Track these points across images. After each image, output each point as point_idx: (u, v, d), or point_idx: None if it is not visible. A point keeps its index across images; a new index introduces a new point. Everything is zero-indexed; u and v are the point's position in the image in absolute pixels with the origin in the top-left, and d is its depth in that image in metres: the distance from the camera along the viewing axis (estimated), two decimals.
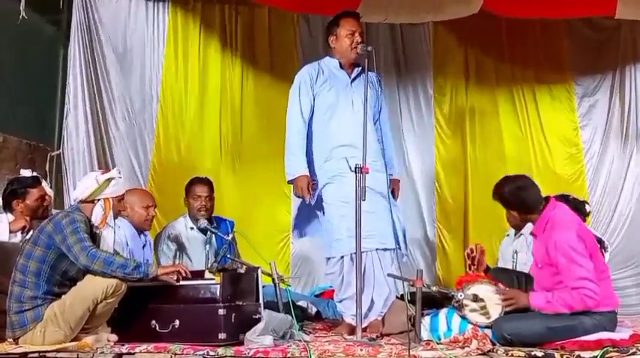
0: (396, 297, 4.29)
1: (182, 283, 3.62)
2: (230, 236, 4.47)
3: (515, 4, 5.66)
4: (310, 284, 6.01)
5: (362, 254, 3.86)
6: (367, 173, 3.80)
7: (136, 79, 6.05)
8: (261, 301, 3.85)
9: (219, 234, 4.64)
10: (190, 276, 3.66)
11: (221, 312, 3.47)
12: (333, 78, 4.39)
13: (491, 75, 6.50)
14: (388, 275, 4.10)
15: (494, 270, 4.23)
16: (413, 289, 3.68)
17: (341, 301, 4.26)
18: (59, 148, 5.72)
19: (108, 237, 3.64)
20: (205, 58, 6.24)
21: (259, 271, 3.98)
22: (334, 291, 4.48)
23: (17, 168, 5.01)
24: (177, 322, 3.53)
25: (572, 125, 6.42)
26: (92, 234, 3.57)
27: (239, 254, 4.91)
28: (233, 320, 3.52)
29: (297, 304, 4.61)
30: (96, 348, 3.36)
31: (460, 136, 6.43)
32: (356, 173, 3.78)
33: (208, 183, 5.03)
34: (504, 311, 3.61)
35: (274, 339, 3.54)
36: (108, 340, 3.49)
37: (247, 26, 6.35)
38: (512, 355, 3.31)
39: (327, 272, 4.37)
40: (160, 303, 3.61)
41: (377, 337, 3.89)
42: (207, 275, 3.75)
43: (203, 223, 4.70)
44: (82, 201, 3.63)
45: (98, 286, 3.40)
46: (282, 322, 3.76)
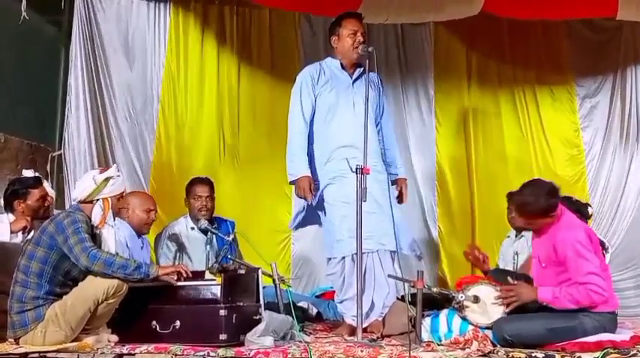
0: (397, 298, 4.29)
1: (183, 284, 3.62)
2: (231, 236, 4.47)
3: (515, 6, 5.65)
4: (311, 285, 6.00)
5: (362, 255, 3.86)
6: (368, 174, 3.80)
7: (137, 80, 6.04)
8: (261, 302, 3.85)
9: (219, 235, 4.65)
10: (191, 276, 3.66)
11: (222, 313, 3.47)
12: (335, 79, 4.38)
13: (492, 76, 6.49)
14: (389, 276, 4.10)
15: (494, 271, 4.24)
16: (414, 290, 3.68)
17: (342, 302, 4.25)
18: (60, 148, 5.72)
19: (109, 238, 3.63)
20: (206, 59, 6.23)
21: (260, 272, 3.98)
22: (335, 292, 4.49)
23: (18, 168, 5.01)
24: (177, 323, 3.52)
25: (573, 126, 6.40)
26: (93, 234, 3.56)
27: (241, 254, 4.91)
28: (234, 320, 3.52)
29: (297, 305, 4.61)
30: (96, 349, 3.37)
31: (461, 137, 6.42)
32: (357, 174, 3.77)
33: (209, 184, 5.03)
34: (508, 308, 3.60)
35: (275, 340, 3.53)
36: (108, 340, 3.49)
37: (248, 27, 6.34)
38: (512, 356, 3.31)
39: (328, 273, 4.36)
40: (161, 304, 3.61)
41: (377, 338, 3.89)
42: (207, 275, 3.75)
43: (204, 224, 4.71)
44: (81, 202, 3.63)
45: (99, 287, 3.40)
46: (282, 323, 3.76)
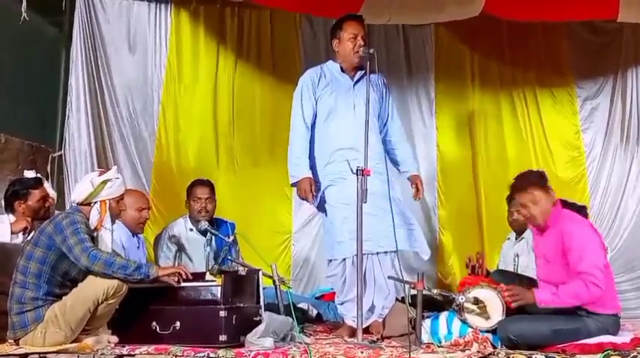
0: (397, 300, 4.28)
1: (183, 285, 3.61)
2: (231, 238, 4.46)
3: (516, 7, 5.65)
4: (311, 286, 5.99)
5: (363, 257, 3.86)
6: (369, 175, 3.80)
7: (138, 80, 6.04)
8: (261, 303, 3.85)
9: (219, 236, 4.64)
10: (191, 278, 3.65)
11: (222, 314, 3.47)
12: (335, 81, 4.38)
13: (492, 78, 6.49)
14: (389, 277, 4.10)
15: (495, 273, 4.24)
16: (414, 292, 3.68)
17: (342, 303, 4.25)
18: (61, 149, 5.71)
19: (105, 240, 3.62)
20: (207, 60, 6.23)
21: (260, 273, 3.98)
22: (335, 294, 4.49)
23: (19, 169, 5.02)
24: (177, 324, 3.52)
25: (573, 128, 6.39)
26: (91, 236, 3.55)
27: (241, 256, 4.91)
28: (234, 322, 3.51)
29: (297, 306, 4.62)
30: (96, 349, 3.36)
31: (462, 139, 6.42)
32: (357, 175, 3.78)
33: (209, 185, 5.02)
34: (509, 308, 3.59)
35: (275, 341, 3.53)
36: (108, 341, 3.49)
37: (249, 28, 6.34)
38: None
39: (329, 274, 4.37)
40: (161, 305, 3.61)
41: (378, 339, 3.89)
42: (207, 277, 3.76)
43: (204, 225, 4.70)
44: (80, 204, 3.63)
45: (99, 287, 3.40)
46: (282, 324, 3.76)
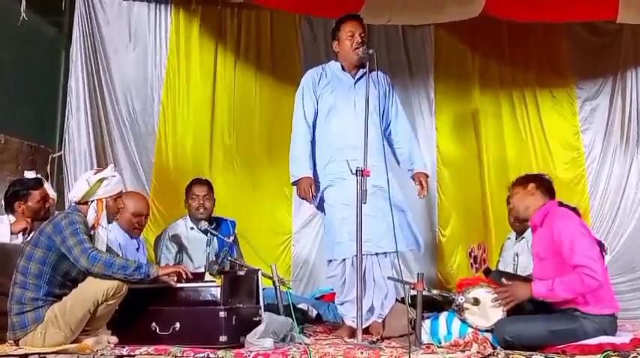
0: (397, 300, 4.28)
1: (183, 285, 3.61)
2: (231, 238, 4.46)
3: (516, 8, 5.65)
4: (311, 286, 5.99)
5: (362, 257, 3.86)
6: (368, 176, 3.79)
7: (138, 81, 6.04)
8: (261, 304, 3.85)
9: (219, 237, 4.64)
10: (191, 277, 3.65)
11: (222, 315, 3.47)
12: (336, 80, 4.39)
13: (492, 78, 6.49)
14: (388, 278, 4.11)
15: (495, 273, 4.24)
16: (414, 292, 3.68)
17: (342, 304, 4.25)
18: (60, 150, 5.72)
19: (103, 237, 3.60)
20: (207, 60, 6.23)
21: (260, 273, 3.98)
22: (335, 294, 4.49)
23: (18, 169, 5.02)
24: (177, 324, 3.52)
25: (573, 129, 6.39)
26: (90, 235, 3.54)
27: (242, 254, 4.91)
28: (234, 322, 3.51)
29: (297, 307, 4.61)
30: (96, 350, 3.36)
31: (462, 139, 6.42)
32: (357, 176, 3.77)
33: (207, 184, 5.02)
34: (506, 307, 3.60)
35: (275, 342, 3.52)
36: (108, 342, 3.48)
37: (249, 28, 6.34)
38: None
39: (329, 275, 4.37)
40: (161, 305, 3.60)
41: (377, 340, 3.89)
42: (207, 277, 3.76)
43: (203, 225, 4.70)
44: (77, 203, 3.62)
45: (99, 288, 3.40)
46: (282, 325, 3.76)
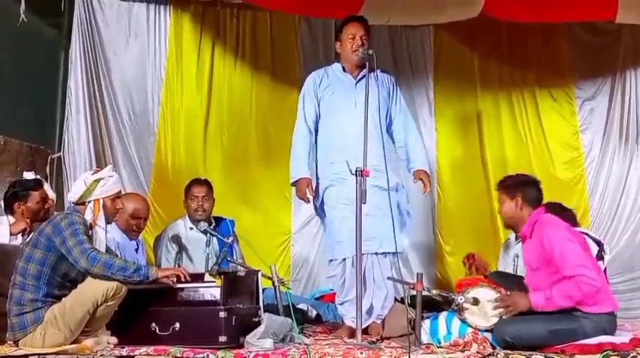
0: (397, 300, 4.28)
1: (182, 286, 3.61)
2: (230, 239, 4.46)
3: (515, 8, 5.65)
4: (310, 287, 5.98)
5: (362, 257, 3.86)
6: (367, 176, 3.80)
7: (137, 82, 6.04)
8: (261, 304, 3.85)
9: (219, 237, 4.64)
10: (190, 280, 3.64)
11: (222, 315, 3.47)
12: (338, 82, 4.41)
13: (491, 78, 6.48)
14: (388, 278, 4.11)
15: (494, 274, 4.24)
16: (413, 292, 3.68)
17: (342, 303, 4.26)
18: (60, 151, 5.72)
19: (101, 236, 3.60)
20: (206, 61, 6.22)
21: (259, 274, 3.98)
22: (334, 295, 4.49)
23: (18, 170, 5.01)
24: (177, 325, 3.52)
25: (572, 129, 6.38)
26: (90, 236, 3.54)
27: (242, 254, 4.91)
28: (233, 323, 3.51)
29: (297, 307, 4.61)
30: (96, 351, 3.36)
31: (461, 139, 6.41)
32: (356, 176, 3.78)
33: (206, 184, 5.02)
34: (505, 316, 3.61)
35: (274, 342, 3.53)
36: (108, 343, 3.48)
37: (248, 29, 6.34)
38: None
39: (330, 274, 4.38)
40: (161, 306, 3.60)
41: (377, 340, 3.89)
42: (207, 277, 3.75)
43: (203, 226, 4.70)
44: (76, 204, 3.62)
45: (98, 289, 3.40)
46: (282, 325, 3.76)
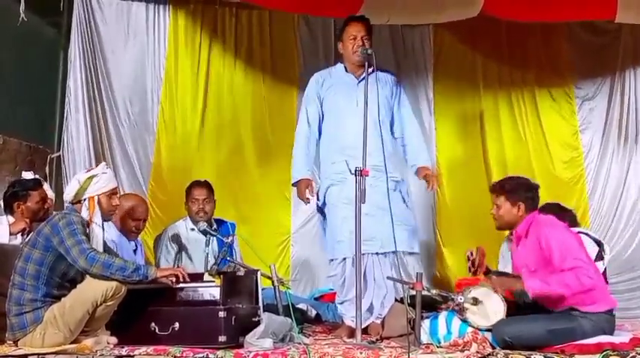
0: (396, 300, 4.28)
1: (182, 285, 3.61)
2: (230, 239, 4.47)
3: (515, 8, 5.65)
4: (310, 287, 5.98)
5: (362, 256, 3.86)
6: (367, 176, 3.80)
7: (137, 81, 6.04)
8: (260, 304, 3.85)
9: (218, 237, 4.64)
10: (188, 280, 3.64)
11: (221, 315, 3.47)
12: (340, 82, 4.43)
13: (491, 78, 6.48)
14: (388, 278, 4.11)
15: (494, 273, 4.23)
16: (413, 292, 3.68)
17: (342, 303, 4.26)
18: (59, 150, 5.72)
19: (97, 234, 3.59)
20: (206, 61, 6.21)
21: (259, 274, 3.98)
22: (334, 294, 4.49)
23: (17, 170, 5.01)
24: (177, 324, 3.52)
25: (572, 129, 6.38)
26: (88, 235, 3.53)
27: (242, 256, 4.91)
28: (233, 322, 3.51)
29: (296, 307, 4.61)
30: (95, 351, 3.36)
31: (461, 139, 6.41)
32: (356, 176, 3.78)
33: (207, 186, 5.02)
34: (510, 307, 3.62)
35: (274, 342, 3.53)
36: (107, 342, 3.48)
37: (248, 28, 6.34)
38: None
39: (330, 274, 4.39)
40: (160, 306, 3.60)
41: (377, 340, 3.89)
42: (206, 277, 3.75)
43: (202, 226, 4.69)
44: (72, 203, 3.62)
45: (98, 289, 3.39)
46: (281, 325, 3.76)
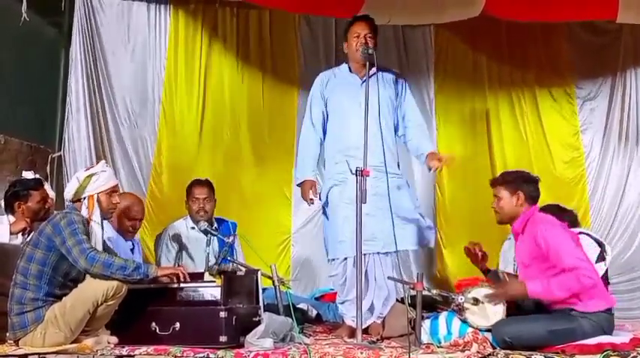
0: (397, 300, 4.29)
1: (183, 285, 3.61)
2: (231, 238, 4.47)
3: (516, 8, 5.65)
4: (311, 287, 5.98)
5: (363, 256, 3.86)
6: (368, 176, 3.80)
7: (138, 81, 6.04)
8: (261, 304, 3.86)
9: (219, 237, 4.65)
10: (189, 280, 3.65)
11: (222, 315, 3.47)
12: (344, 82, 4.43)
13: (492, 78, 6.47)
14: (389, 278, 4.11)
15: (494, 273, 4.23)
16: (413, 292, 3.68)
17: (342, 303, 4.26)
18: (60, 150, 5.72)
19: (97, 232, 3.59)
20: (207, 60, 6.22)
21: (259, 274, 3.98)
22: (334, 294, 4.49)
23: (18, 169, 5.01)
24: (177, 324, 3.52)
25: (573, 129, 6.38)
26: (89, 234, 3.53)
27: (243, 256, 4.91)
28: (234, 322, 3.51)
29: (297, 307, 4.61)
30: (96, 350, 3.36)
31: (461, 139, 6.41)
32: (357, 176, 3.78)
33: (208, 186, 5.02)
34: (509, 307, 3.62)
35: (274, 342, 3.53)
36: (108, 342, 3.49)
37: (248, 28, 6.34)
38: None
39: (331, 274, 4.39)
40: (161, 305, 3.60)
41: (377, 340, 3.89)
42: (206, 277, 3.75)
43: (203, 225, 4.69)
44: (72, 202, 3.62)
45: (98, 288, 3.40)
46: (282, 325, 3.76)
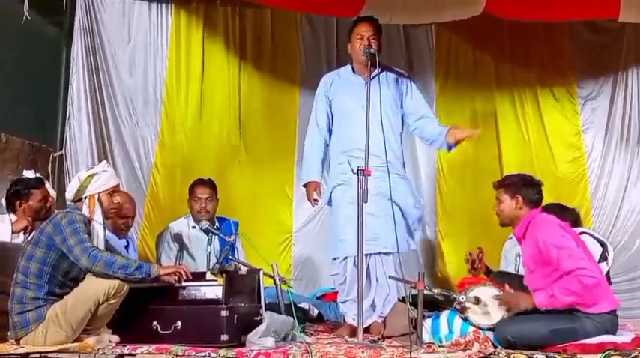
0: (398, 300, 4.28)
1: (184, 284, 3.62)
2: (232, 237, 4.47)
3: (517, 7, 5.64)
4: (312, 286, 5.98)
5: (365, 256, 3.86)
6: (369, 175, 3.80)
7: (139, 81, 6.04)
8: (262, 303, 3.86)
9: (220, 236, 4.65)
10: (191, 278, 3.65)
11: (223, 314, 3.48)
12: (348, 83, 4.43)
13: (493, 77, 6.47)
14: (390, 277, 4.11)
15: (496, 273, 4.23)
16: (415, 291, 3.68)
17: (344, 302, 4.26)
18: (61, 149, 5.72)
19: (99, 232, 3.60)
20: (208, 59, 6.22)
21: (261, 273, 3.98)
22: (336, 293, 4.49)
23: (19, 168, 5.02)
24: (179, 323, 3.53)
25: (574, 128, 6.36)
26: (90, 233, 3.54)
27: (245, 255, 4.91)
28: (235, 321, 3.52)
29: (298, 306, 4.61)
30: (97, 349, 3.37)
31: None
32: (358, 175, 3.78)
33: (210, 185, 5.01)
34: (507, 314, 3.62)
35: (276, 341, 3.53)
36: (109, 341, 3.49)
37: (250, 27, 6.34)
38: None
39: (332, 273, 4.39)
40: (162, 304, 3.61)
41: (378, 339, 3.89)
42: (208, 276, 3.75)
43: (204, 224, 4.70)
44: (73, 201, 3.63)
45: (100, 287, 3.40)
46: (283, 324, 3.77)
